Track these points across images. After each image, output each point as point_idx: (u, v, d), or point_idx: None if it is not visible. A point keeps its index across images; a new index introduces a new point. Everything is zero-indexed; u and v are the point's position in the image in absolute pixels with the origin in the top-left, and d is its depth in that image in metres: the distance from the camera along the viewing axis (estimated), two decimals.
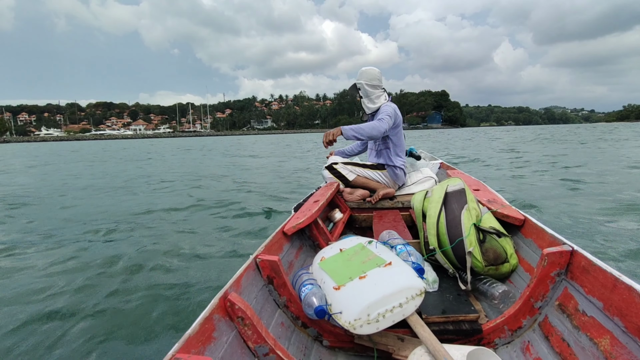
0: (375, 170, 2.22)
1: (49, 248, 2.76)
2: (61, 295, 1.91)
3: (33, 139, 78.67)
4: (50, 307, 1.79)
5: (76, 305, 1.80)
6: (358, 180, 2.21)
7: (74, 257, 2.48)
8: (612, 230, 2.66)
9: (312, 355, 1.02)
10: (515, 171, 6.35)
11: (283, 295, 1.07)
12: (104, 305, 1.79)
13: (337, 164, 2.23)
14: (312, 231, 1.54)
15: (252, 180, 6.19)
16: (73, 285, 2.03)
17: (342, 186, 2.20)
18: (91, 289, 1.98)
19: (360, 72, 2.19)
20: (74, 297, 1.90)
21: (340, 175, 2.20)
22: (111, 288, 1.98)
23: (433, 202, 1.23)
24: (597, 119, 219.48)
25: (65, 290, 1.97)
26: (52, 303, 1.83)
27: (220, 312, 0.83)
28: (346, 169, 2.20)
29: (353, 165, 2.23)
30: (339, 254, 1.15)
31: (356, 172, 2.21)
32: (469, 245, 1.13)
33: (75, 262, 2.39)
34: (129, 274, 2.17)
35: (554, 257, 0.96)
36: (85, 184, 6.36)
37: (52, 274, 2.22)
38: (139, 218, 3.65)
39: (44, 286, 2.04)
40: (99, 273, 2.20)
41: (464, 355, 0.77)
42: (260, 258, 1.06)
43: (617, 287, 0.78)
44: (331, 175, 2.21)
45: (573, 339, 0.85)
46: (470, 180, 1.90)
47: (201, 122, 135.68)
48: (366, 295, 0.92)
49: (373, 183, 2.22)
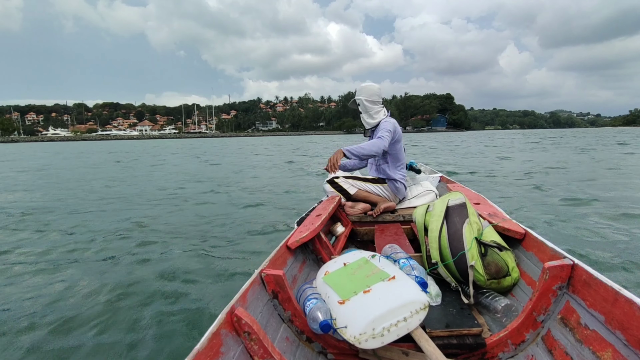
0: (377, 184, 2.23)
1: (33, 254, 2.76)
2: (54, 308, 1.92)
3: (40, 139, 79.60)
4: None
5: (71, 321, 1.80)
6: (359, 194, 2.22)
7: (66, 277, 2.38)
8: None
9: None
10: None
11: (288, 310, 1.08)
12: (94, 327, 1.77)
13: (338, 177, 2.24)
14: (315, 245, 1.54)
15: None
16: (66, 302, 2.02)
17: (344, 200, 2.22)
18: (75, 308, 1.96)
19: (360, 88, 2.21)
20: (69, 310, 1.91)
21: (342, 189, 2.22)
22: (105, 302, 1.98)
23: (435, 216, 1.24)
24: (603, 123, 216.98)
25: (60, 303, 1.98)
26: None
27: (228, 327, 0.84)
28: (347, 182, 2.23)
29: (354, 179, 2.25)
30: (343, 268, 1.16)
31: (357, 186, 2.23)
32: (471, 258, 1.14)
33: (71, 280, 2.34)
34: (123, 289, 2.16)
35: (555, 270, 0.97)
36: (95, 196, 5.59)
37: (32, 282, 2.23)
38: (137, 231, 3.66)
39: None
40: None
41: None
42: (265, 272, 1.07)
43: (618, 301, 0.79)
44: (332, 189, 2.23)
45: (576, 352, 0.86)
46: (470, 194, 1.91)
47: (206, 123, 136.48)
48: (371, 309, 0.93)
49: (374, 197, 2.23)
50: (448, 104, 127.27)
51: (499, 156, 11.92)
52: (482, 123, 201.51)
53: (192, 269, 2.45)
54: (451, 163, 10.05)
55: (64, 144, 53.08)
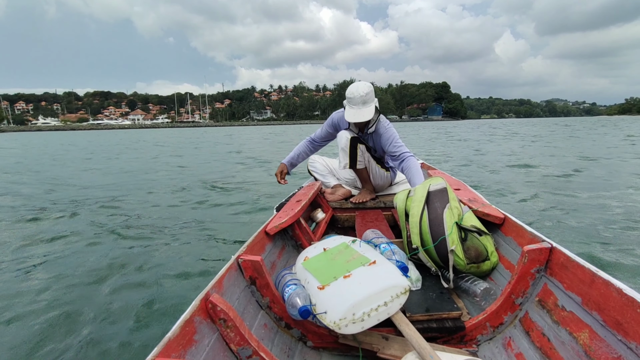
0: (383, 170, 2.15)
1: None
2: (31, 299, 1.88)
3: (29, 128, 77.99)
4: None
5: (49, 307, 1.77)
6: (362, 171, 2.12)
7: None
8: None
9: (296, 356, 1.02)
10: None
11: (266, 296, 1.06)
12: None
13: (362, 143, 2.02)
14: (294, 231, 1.53)
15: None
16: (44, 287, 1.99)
17: (343, 166, 2.06)
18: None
19: (371, 92, 1.90)
20: (45, 297, 1.88)
21: (355, 155, 2.00)
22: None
23: (416, 201, 1.24)
24: (598, 112, 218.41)
25: (37, 295, 1.94)
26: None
27: (202, 314, 0.82)
28: (366, 154, 2.04)
29: (372, 156, 2.07)
30: (323, 253, 1.15)
31: (369, 163, 2.08)
32: (452, 243, 1.14)
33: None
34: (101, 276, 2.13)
35: (534, 254, 0.98)
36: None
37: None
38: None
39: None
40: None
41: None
42: (242, 258, 1.05)
43: (595, 282, 0.80)
44: (348, 146, 1.98)
45: (553, 333, 0.87)
46: (451, 180, 1.91)
47: (200, 113, 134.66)
48: (351, 294, 0.92)
49: (369, 181, 2.17)
50: (444, 92, 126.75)
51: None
52: (478, 112, 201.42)
53: (163, 257, 2.40)
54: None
55: (50, 133, 51.78)
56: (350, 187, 2.33)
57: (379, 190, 2.28)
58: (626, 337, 0.69)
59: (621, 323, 0.71)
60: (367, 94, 1.84)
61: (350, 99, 1.87)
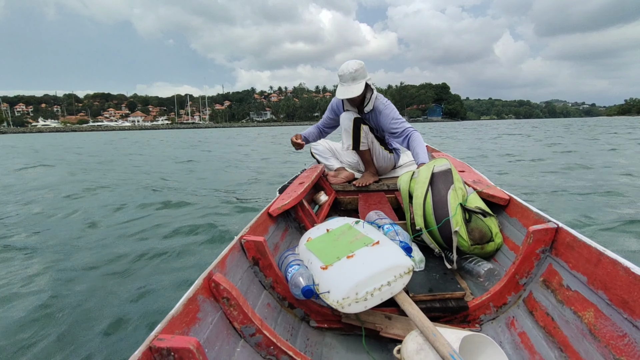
0: (386, 152, 2.13)
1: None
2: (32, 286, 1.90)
3: (30, 130, 78.07)
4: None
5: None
6: (366, 153, 2.10)
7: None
8: None
9: (299, 335, 1.02)
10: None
11: (269, 277, 1.06)
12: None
13: (366, 124, 2.01)
14: (297, 213, 1.53)
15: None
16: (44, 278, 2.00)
17: (346, 147, 2.06)
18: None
19: (363, 67, 1.88)
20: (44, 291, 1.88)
21: (358, 136, 1.99)
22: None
23: (420, 182, 1.23)
24: (598, 112, 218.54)
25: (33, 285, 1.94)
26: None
27: (205, 293, 0.82)
28: (370, 135, 2.02)
29: (375, 137, 2.06)
30: (326, 234, 1.15)
31: (372, 145, 2.06)
32: (455, 224, 1.13)
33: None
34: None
35: (539, 234, 0.97)
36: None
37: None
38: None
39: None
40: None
41: (458, 339, 0.76)
42: (245, 239, 1.04)
43: (602, 262, 0.79)
44: (351, 127, 1.97)
45: (557, 313, 0.87)
46: (455, 162, 1.90)
47: (200, 114, 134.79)
48: (354, 274, 0.92)
49: (370, 163, 2.15)
50: (444, 93, 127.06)
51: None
52: (477, 113, 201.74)
53: (167, 239, 2.42)
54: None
55: (50, 135, 51.81)
56: (353, 170, 2.32)
57: (382, 173, 2.27)
58: (632, 315, 0.69)
59: (627, 301, 0.70)
60: (356, 71, 1.82)
61: (341, 77, 1.87)
